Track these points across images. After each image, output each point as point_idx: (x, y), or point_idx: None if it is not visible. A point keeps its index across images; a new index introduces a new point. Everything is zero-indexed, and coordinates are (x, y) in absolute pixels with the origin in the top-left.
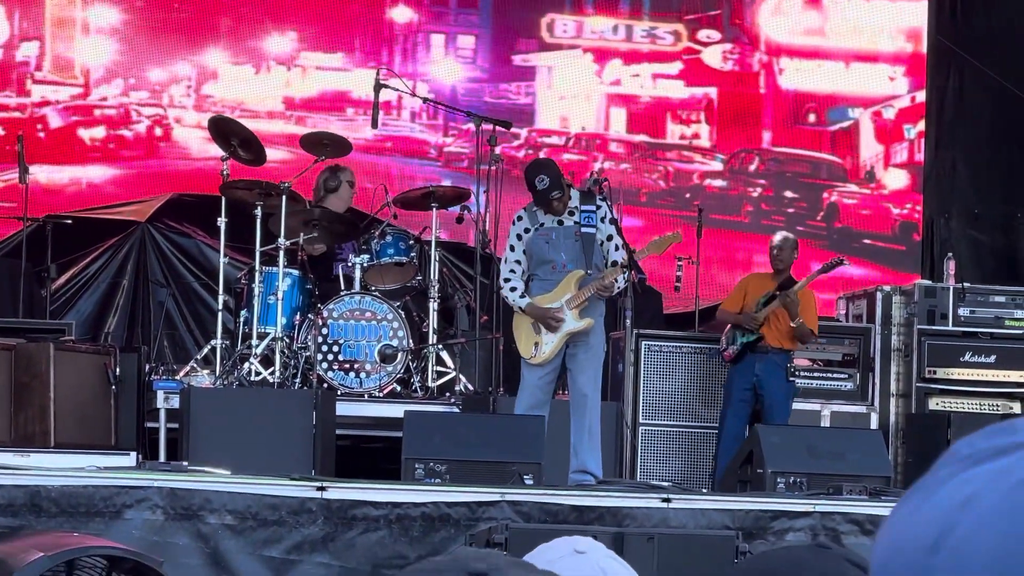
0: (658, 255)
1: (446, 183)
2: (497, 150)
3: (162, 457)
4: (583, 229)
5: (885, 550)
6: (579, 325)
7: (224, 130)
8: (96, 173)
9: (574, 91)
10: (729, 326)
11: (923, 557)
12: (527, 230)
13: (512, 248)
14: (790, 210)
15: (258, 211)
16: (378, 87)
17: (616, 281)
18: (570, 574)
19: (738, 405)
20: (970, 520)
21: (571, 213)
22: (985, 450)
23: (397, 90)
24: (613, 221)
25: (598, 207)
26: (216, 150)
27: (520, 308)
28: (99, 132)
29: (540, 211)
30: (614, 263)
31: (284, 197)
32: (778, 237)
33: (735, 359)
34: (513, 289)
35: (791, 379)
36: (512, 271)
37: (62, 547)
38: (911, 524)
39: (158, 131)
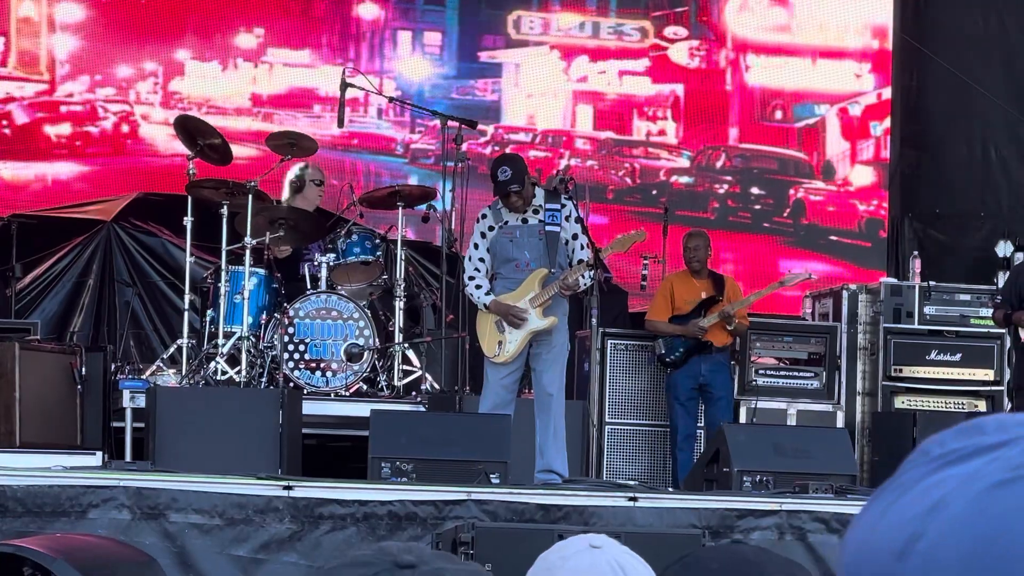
0: (622, 253)
1: (412, 180)
2: (463, 147)
3: (128, 456)
4: (547, 228)
5: (854, 553)
6: (543, 324)
7: (190, 129)
8: (62, 170)
9: (541, 88)
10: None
11: (891, 563)
12: (491, 228)
13: (476, 246)
14: (756, 206)
15: (224, 210)
16: (344, 86)
17: (579, 279)
18: (585, 570)
19: (688, 404)
20: (938, 526)
21: (536, 211)
22: (954, 451)
23: (363, 89)
24: (579, 220)
25: (563, 205)
26: (182, 148)
27: (484, 305)
28: (65, 129)
29: (504, 209)
30: (579, 261)
31: (250, 196)
32: (693, 236)
33: (678, 363)
34: (478, 287)
35: (733, 376)
36: (477, 269)
37: None
38: (879, 528)
39: (124, 128)
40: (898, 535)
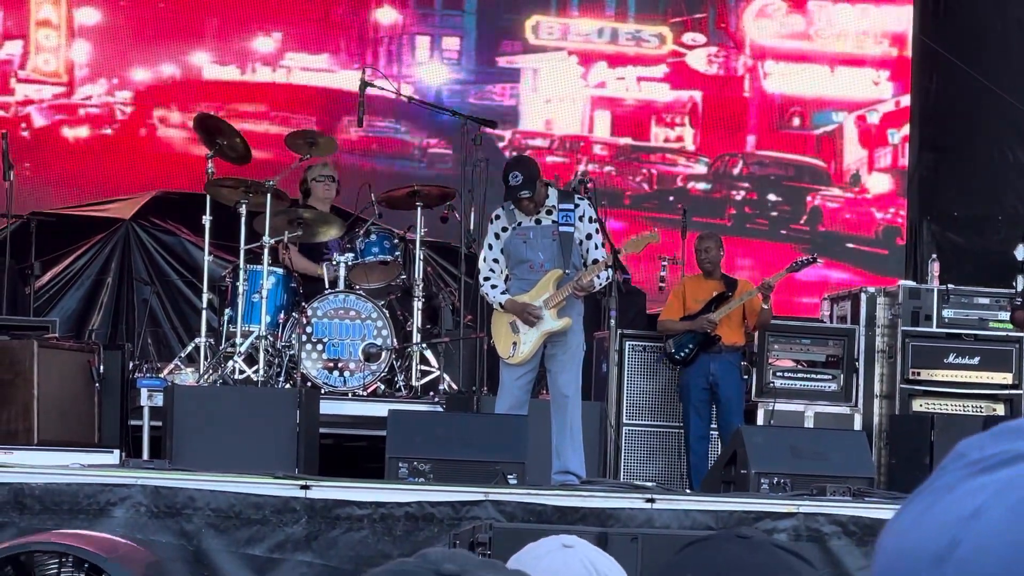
0: (636, 254)
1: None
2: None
3: (145, 455)
4: (561, 228)
5: (889, 557)
6: (557, 325)
7: (210, 127)
8: (80, 172)
9: (559, 93)
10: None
11: (928, 569)
12: (504, 229)
13: (490, 247)
14: (773, 213)
15: (243, 209)
16: (363, 86)
17: (594, 280)
18: (559, 568)
19: (699, 405)
20: (977, 534)
21: (549, 212)
22: (993, 456)
23: (383, 89)
24: (594, 220)
25: (576, 205)
26: (200, 150)
27: (499, 304)
28: (83, 131)
29: (518, 210)
30: (594, 261)
31: (269, 195)
32: (703, 238)
33: (688, 361)
34: (494, 287)
35: (745, 377)
36: (491, 270)
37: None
38: (915, 532)
39: (142, 131)
40: (935, 541)
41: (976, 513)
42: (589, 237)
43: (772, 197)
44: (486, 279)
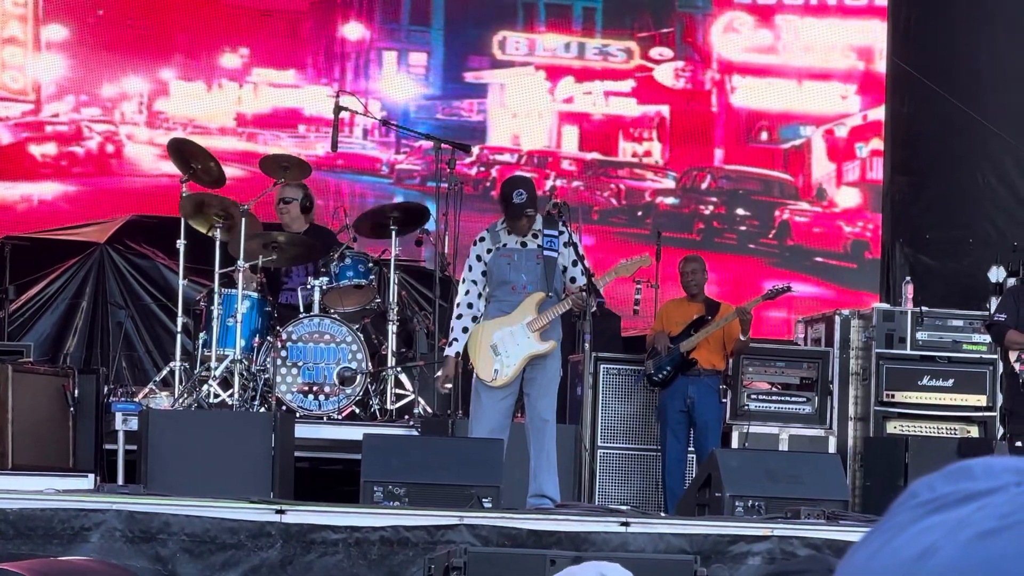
0: (627, 276)
1: (397, 199)
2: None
3: (120, 479)
4: (546, 253)
5: None
6: (542, 348)
7: (184, 152)
8: (48, 190)
9: (526, 108)
10: (653, 350)
11: None
12: (488, 251)
13: (470, 268)
14: (742, 228)
15: (217, 234)
16: (337, 110)
17: (590, 302)
18: None
19: (676, 427)
20: (928, 573)
21: (535, 236)
22: (944, 496)
23: (356, 112)
24: (575, 245)
25: (561, 232)
26: (169, 166)
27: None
28: (50, 148)
29: (503, 231)
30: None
31: (243, 220)
32: (689, 260)
33: (665, 383)
34: (459, 320)
35: (723, 400)
36: (469, 304)
37: None
38: (869, 571)
39: (110, 148)
40: None
41: (927, 553)
42: (575, 264)
43: (740, 211)
44: (459, 317)
